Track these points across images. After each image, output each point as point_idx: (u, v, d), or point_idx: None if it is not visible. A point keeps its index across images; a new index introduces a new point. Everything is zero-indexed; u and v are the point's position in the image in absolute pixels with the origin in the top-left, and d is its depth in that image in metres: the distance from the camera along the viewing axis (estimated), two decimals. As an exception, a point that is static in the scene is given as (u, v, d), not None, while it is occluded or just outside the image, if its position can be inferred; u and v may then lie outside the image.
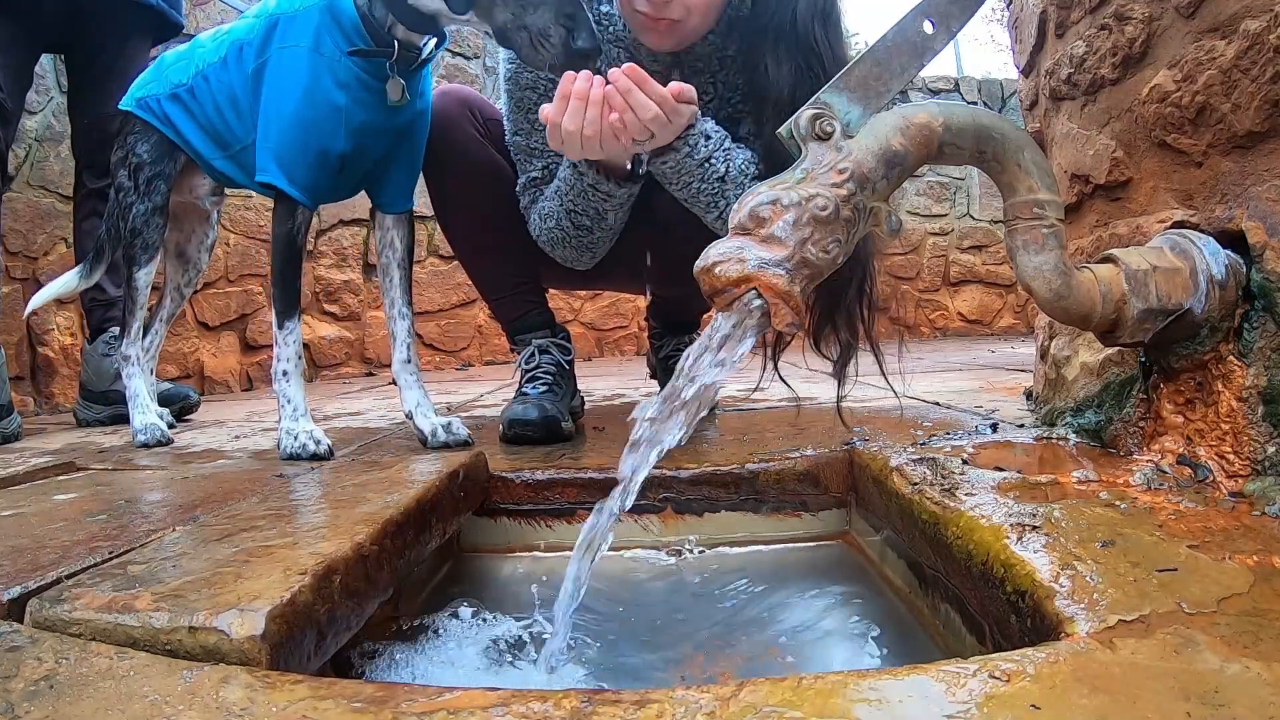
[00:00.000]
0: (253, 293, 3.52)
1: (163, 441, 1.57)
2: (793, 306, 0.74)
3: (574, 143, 1.14)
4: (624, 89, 1.10)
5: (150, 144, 1.54)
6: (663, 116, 1.13)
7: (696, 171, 1.26)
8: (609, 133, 1.12)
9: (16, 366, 2.54)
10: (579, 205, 1.37)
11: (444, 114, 1.51)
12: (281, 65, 1.34)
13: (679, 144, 1.22)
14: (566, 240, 1.43)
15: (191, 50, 1.52)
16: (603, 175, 1.31)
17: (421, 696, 0.50)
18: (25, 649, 0.56)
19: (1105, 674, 0.47)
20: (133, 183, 1.55)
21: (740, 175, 1.26)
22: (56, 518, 0.93)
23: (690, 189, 1.28)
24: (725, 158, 1.26)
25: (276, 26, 1.37)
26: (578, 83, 1.11)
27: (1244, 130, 0.83)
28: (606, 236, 1.45)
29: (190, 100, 1.49)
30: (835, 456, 1.13)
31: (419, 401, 1.43)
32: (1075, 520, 0.73)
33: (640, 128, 1.13)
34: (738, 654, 0.82)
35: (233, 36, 1.44)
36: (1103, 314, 0.84)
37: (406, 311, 1.48)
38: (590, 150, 1.15)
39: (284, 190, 1.32)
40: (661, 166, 1.26)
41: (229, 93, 1.44)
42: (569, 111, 1.12)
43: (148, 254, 1.57)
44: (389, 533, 0.82)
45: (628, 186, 1.34)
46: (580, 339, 4.55)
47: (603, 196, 1.34)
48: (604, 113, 1.11)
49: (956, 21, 0.80)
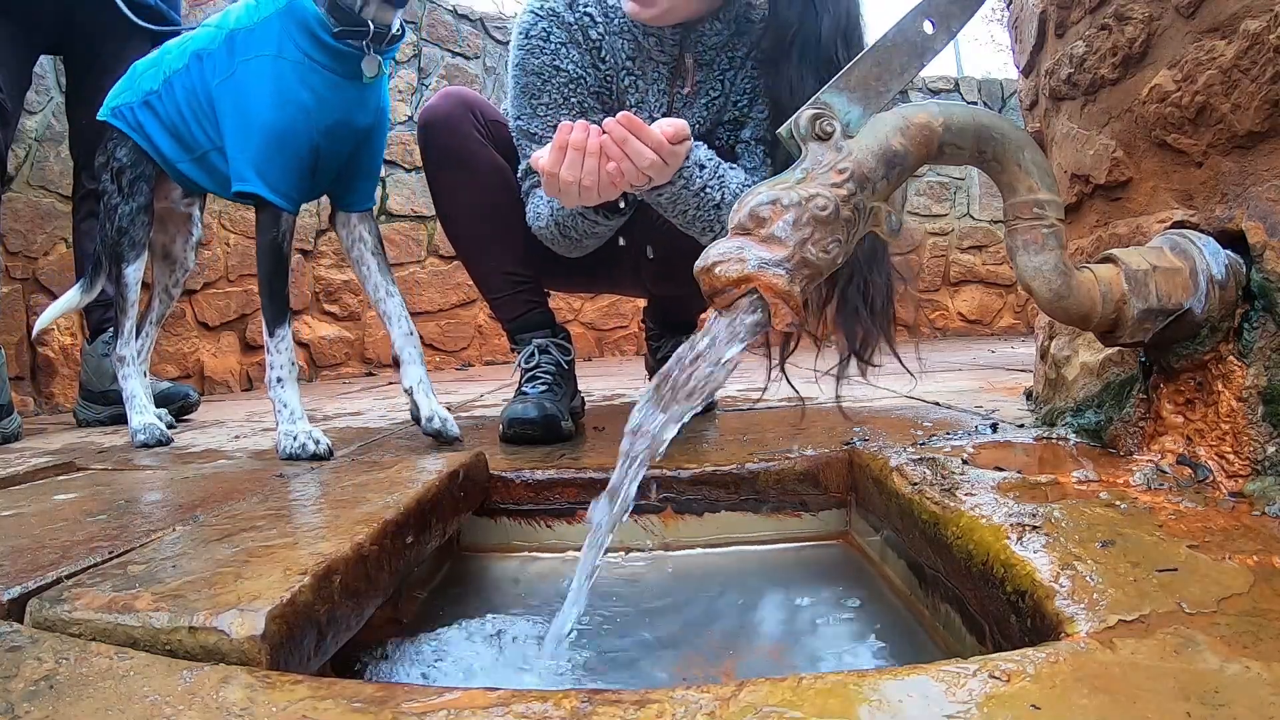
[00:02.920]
0: (253, 293, 3.52)
1: (162, 441, 1.57)
2: (793, 306, 0.74)
3: (571, 192, 1.14)
4: (620, 138, 1.10)
5: (128, 148, 1.56)
6: (659, 161, 1.13)
7: (692, 201, 1.26)
8: (606, 182, 1.12)
9: (16, 366, 2.54)
10: (568, 223, 1.38)
11: (445, 114, 1.51)
12: (247, 77, 1.36)
13: (674, 177, 1.22)
14: (555, 241, 1.45)
15: (160, 57, 1.55)
16: (592, 208, 1.31)
17: (421, 696, 0.50)
18: (25, 649, 0.56)
19: (1105, 674, 0.47)
20: (116, 185, 1.57)
21: (734, 200, 1.26)
22: (56, 518, 0.93)
23: (686, 216, 1.29)
24: (720, 185, 1.26)
25: (235, 40, 1.39)
26: (574, 133, 1.11)
27: (1244, 130, 0.83)
28: (596, 243, 1.46)
29: (159, 104, 1.52)
30: (835, 456, 1.13)
31: (421, 378, 1.44)
32: (1075, 520, 0.73)
33: (637, 175, 1.13)
34: (738, 654, 0.82)
35: (193, 46, 1.47)
36: (1103, 314, 0.84)
37: (394, 290, 1.49)
38: (587, 199, 1.15)
39: (266, 198, 1.34)
40: (658, 199, 1.27)
41: (191, 99, 1.47)
42: (566, 163, 1.11)
43: (135, 251, 1.59)
44: (389, 533, 0.82)
45: (615, 219, 1.36)
46: (580, 339, 4.55)
47: (591, 224, 1.36)
48: (601, 162, 1.10)
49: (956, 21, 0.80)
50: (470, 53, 4.26)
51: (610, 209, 1.32)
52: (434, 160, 1.54)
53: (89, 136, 2.05)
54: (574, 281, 1.89)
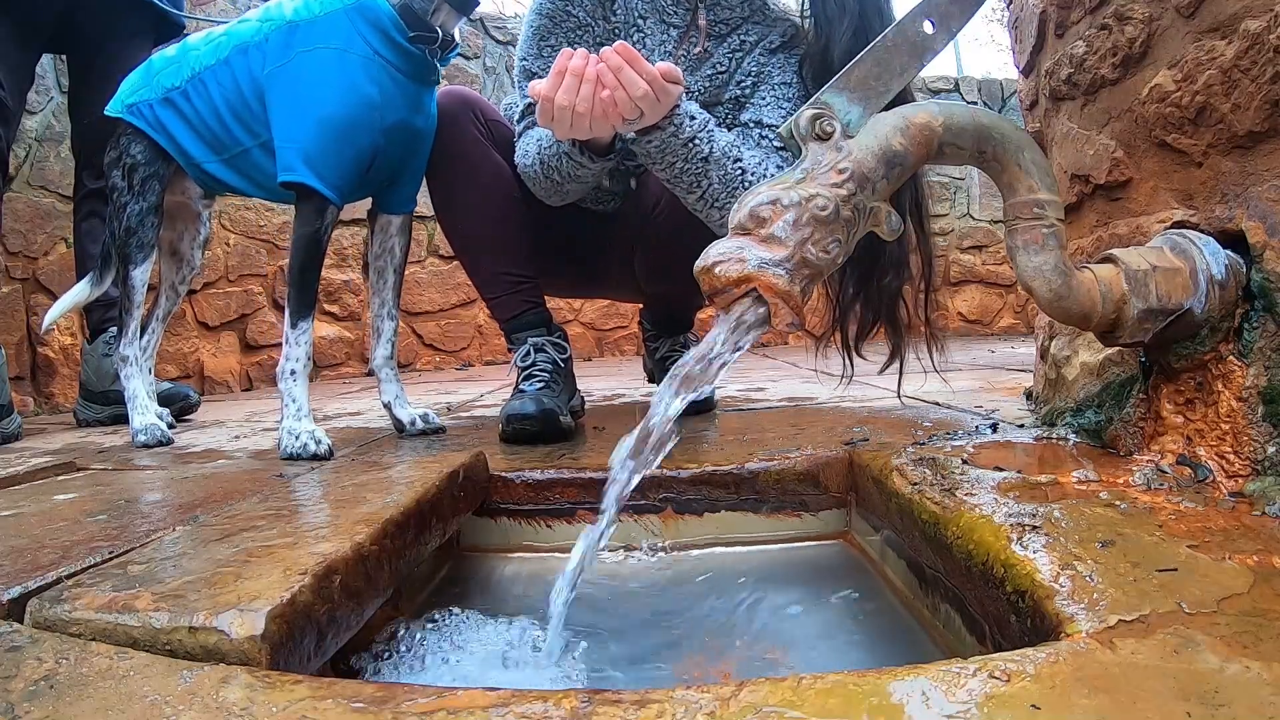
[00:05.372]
0: (253, 293, 3.52)
1: (162, 441, 1.57)
2: (793, 306, 0.74)
3: (564, 119, 1.15)
4: (615, 66, 1.12)
5: (144, 145, 1.54)
6: (652, 94, 1.14)
7: (680, 151, 1.26)
8: (600, 110, 1.14)
9: (16, 366, 2.54)
10: (554, 164, 1.38)
11: (446, 113, 1.52)
12: (308, 67, 1.35)
13: (664, 123, 1.23)
14: (538, 182, 1.44)
15: (183, 53, 1.52)
16: (577, 147, 1.32)
17: (421, 696, 0.49)
18: (25, 649, 0.56)
19: (1105, 674, 0.47)
20: (126, 183, 1.55)
21: (723, 157, 1.28)
22: (56, 518, 0.93)
23: (674, 169, 1.29)
24: (709, 139, 1.27)
25: (296, 31, 1.37)
26: (574, 60, 1.13)
27: (1244, 130, 0.83)
28: (579, 190, 1.46)
29: (184, 103, 1.49)
30: (835, 456, 1.13)
31: (397, 394, 1.57)
32: (1075, 520, 0.73)
33: (630, 105, 1.14)
34: (738, 654, 0.82)
35: (234, 40, 1.44)
36: (1103, 314, 0.84)
37: (395, 313, 1.58)
38: (579, 129, 1.17)
39: (315, 188, 1.33)
40: (646, 146, 1.27)
41: (230, 96, 1.44)
42: (563, 88, 1.13)
43: (143, 252, 1.58)
44: (389, 533, 0.82)
45: (601, 162, 1.36)
46: (580, 339, 4.55)
47: (576, 165, 1.36)
48: (596, 89, 1.13)
49: (956, 21, 0.80)
50: (470, 53, 4.26)
51: (597, 150, 1.33)
52: (434, 159, 1.54)
53: (91, 136, 2.05)
54: (571, 283, 1.89)
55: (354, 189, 1.41)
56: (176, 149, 1.52)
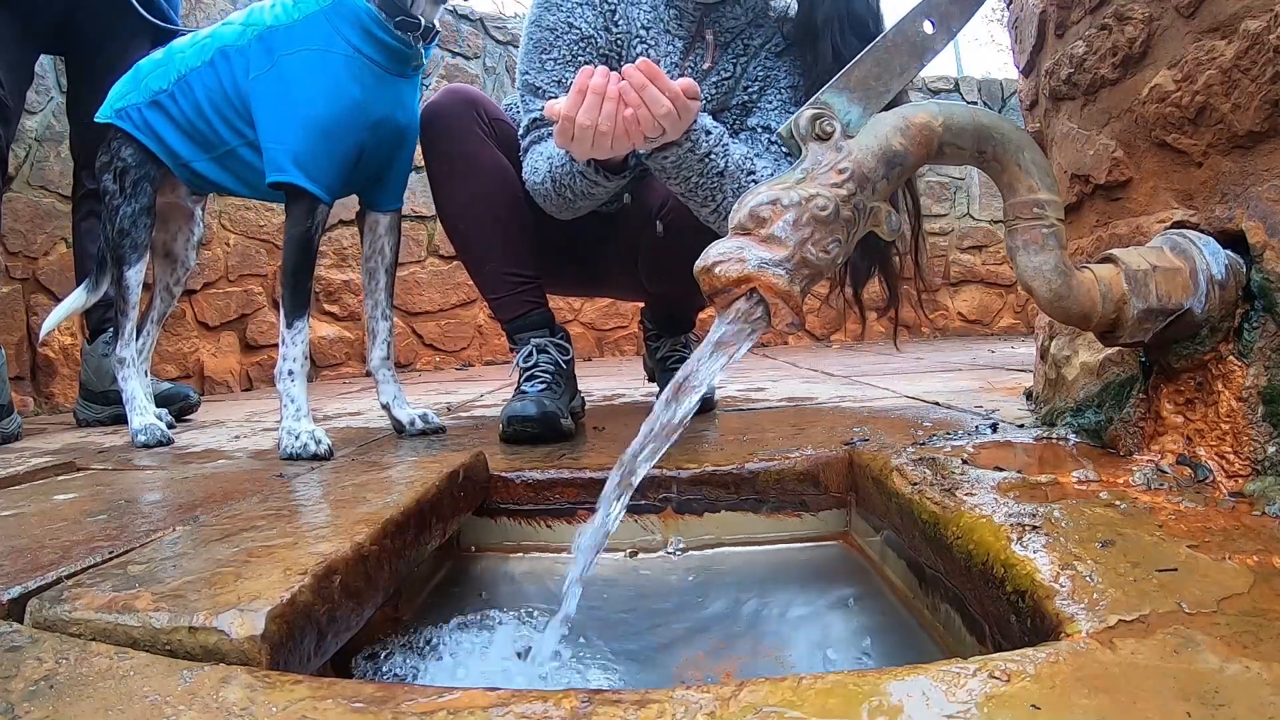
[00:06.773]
0: (253, 293, 3.52)
1: (162, 442, 1.57)
2: (793, 306, 0.74)
3: (585, 139, 1.13)
4: (638, 84, 1.10)
5: (134, 149, 1.55)
6: (674, 112, 1.13)
7: (696, 166, 1.26)
8: (622, 129, 1.12)
9: (16, 366, 2.54)
10: (566, 181, 1.36)
11: (449, 112, 1.51)
12: (292, 70, 1.35)
13: (681, 139, 1.22)
14: (548, 199, 1.43)
15: (169, 56, 1.53)
16: (593, 165, 1.30)
17: (421, 696, 0.49)
18: (25, 649, 0.56)
19: (1105, 674, 0.47)
20: (118, 186, 1.56)
21: (738, 170, 1.27)
22: (56, 518, 0.93)
23: (689, 183, 1.28)
24: (725, 153, 1.26)
25: (275, 35, 1.38)
26: (595, 78, 1.11)
27: (1244, 130, 0.83)
28: (590, 206, 1.45)
29: (171, 105, 1.50)
30: (835, 456, 1.13)
31: (395, 395, 1.56)
32: (1075, 520, 0.73)
33: (653, 124, 1.13)
34: (737, 654, 0.82)
35: (217, 42, 1.46)
36: (1103, 314, 0.84)
37: (389, 313, 1.58)
38: (600, 149, 1.14)
39: (305, 188, 1.34)
40: (663, 161, 1.26)
41: (214, 96, 1.45)
42: (585, 107, 1.11)
43: (136, 253, 1.58)
44: (389, 533, 0.82)
45: (616, 180, 1.35)
46: (580, 339, 4.55)
47: (590, 183, 1.34)
48: (619, 108, 1.10)
49: (956, 21, 0.80)
50: (470, 53, 4.26)
51: (612, 168, 1.32)
52: (436, 157, 1.54)
53: (90, 137, 2.05)
54: (573, 283, 1.89)
55: (342, 187, 1.42)
56: (165, 151, 1.53)
